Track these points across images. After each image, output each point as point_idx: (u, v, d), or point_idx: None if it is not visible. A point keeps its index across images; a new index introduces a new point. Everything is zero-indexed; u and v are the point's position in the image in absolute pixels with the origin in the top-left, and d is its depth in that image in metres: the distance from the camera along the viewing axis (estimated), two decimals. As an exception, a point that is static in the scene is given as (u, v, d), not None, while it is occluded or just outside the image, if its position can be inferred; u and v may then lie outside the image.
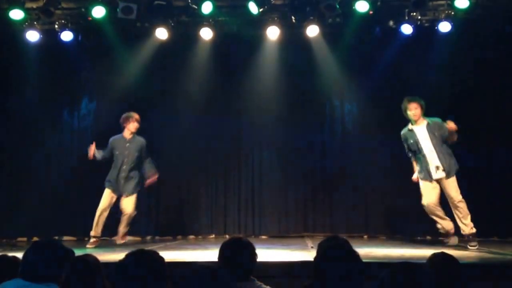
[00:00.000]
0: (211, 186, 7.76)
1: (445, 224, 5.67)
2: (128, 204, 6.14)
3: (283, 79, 7.60)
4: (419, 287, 1.58)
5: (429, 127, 5.70)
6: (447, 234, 5.79)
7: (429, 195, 5.63)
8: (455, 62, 7.30)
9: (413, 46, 7.13)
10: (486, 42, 7.19)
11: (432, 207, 5.62)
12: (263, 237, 7.47)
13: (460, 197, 5.55)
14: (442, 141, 5.67)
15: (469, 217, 5.56)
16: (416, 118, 5.72)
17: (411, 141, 5.76)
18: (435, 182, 5.64)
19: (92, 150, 6.21)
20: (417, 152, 5.74)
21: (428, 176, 5.65)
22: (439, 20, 6.81)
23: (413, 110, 5.70)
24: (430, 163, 5.63)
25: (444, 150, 5.67)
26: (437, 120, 5.76)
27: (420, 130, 5.73)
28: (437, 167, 5.60)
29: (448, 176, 5.59)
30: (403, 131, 5.87)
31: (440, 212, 5.66)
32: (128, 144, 6.25)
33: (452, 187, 5.58)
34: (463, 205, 5.54)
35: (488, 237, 6.74)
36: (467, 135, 7.30)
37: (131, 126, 6.25)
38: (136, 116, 6.28)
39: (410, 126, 5.81)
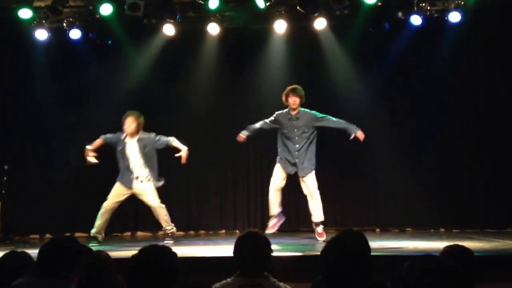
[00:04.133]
0: (220, 181, 7.76)
1: None
2: None
3: (291, 73, 7.55)
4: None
5: None
6: None
7: None
8: (466, 53, 7.22)
9: (422, 37, 7.05)
10: (498, 32, 7.10)
11: None
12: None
13: None
14: None
15: None
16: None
17: None
18: None
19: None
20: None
21: None
22: (449, 10, 6.70)
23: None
24: None
25: None
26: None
27: None
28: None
29: None
30: None
31: None
32: None
33: None
34: None
35: (503, 229, 6.69)
36: (479, 125, 7.27)
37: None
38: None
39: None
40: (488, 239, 5.68)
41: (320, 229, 5.90)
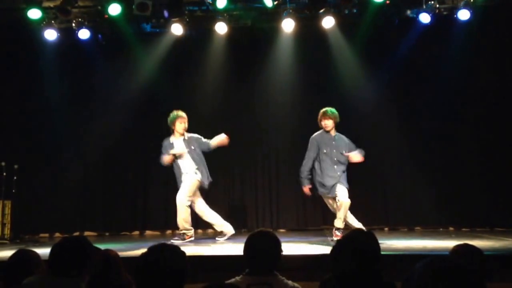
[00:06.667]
0: (229, 180, 7.76)
1: None
2: None
3: (299, 72, 7.55)
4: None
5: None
6: None
7: None
8: (475, 51, 7.16)
9: (431, 35, 7.01)
10: (507, 30, 7.03)
11: None
12: (282, 230, 7.46)
13: None
14: None
15: None
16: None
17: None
18: None
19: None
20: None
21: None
22: (458, 8, 6.66)
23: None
24: None
25: None
26: None
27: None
28: None
29: None
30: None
31: None
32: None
33: None
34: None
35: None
36: (488, 123, 7.22)
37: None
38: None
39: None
40: (497, 238, 5.64)
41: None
